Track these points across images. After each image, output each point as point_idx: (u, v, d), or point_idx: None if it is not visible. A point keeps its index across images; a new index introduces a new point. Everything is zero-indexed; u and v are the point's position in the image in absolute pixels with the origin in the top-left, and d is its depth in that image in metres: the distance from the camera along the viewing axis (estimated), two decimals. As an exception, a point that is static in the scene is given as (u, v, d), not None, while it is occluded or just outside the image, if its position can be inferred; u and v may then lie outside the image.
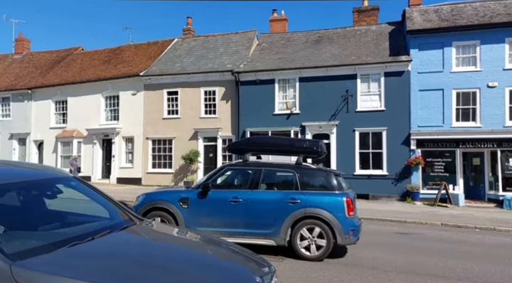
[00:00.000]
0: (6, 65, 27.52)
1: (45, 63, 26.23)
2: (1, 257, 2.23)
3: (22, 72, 25.96)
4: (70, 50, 27.02)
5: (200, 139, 20.34)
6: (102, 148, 22.36)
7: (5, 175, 3.18)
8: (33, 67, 26.24)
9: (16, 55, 28.25)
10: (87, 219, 3.43)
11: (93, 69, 23.70)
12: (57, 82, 23.36)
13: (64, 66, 25.16)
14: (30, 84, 24.03)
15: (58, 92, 23.33)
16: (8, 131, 24.42)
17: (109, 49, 25.56)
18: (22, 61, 27.39)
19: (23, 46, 28.42)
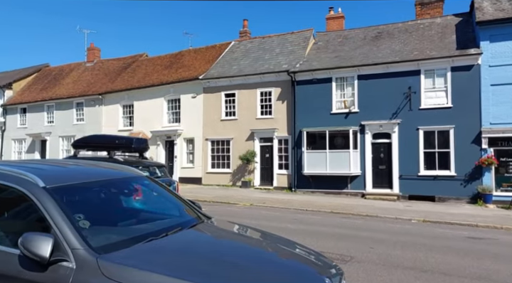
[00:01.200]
0: (80, 72, 29.93)
1: (113, 70, 28.14)
2: (88, 250, 2.44)
3: (93, 79, 28.08)
4: (136, 56, 28.71)
5: (257, 139, 20.58)
6: (165, 149, 23.48)
7: (89, 174, 3.48)
8: (103, 74, 28.26)
9: (88, 63, 30.61)
10: (159, 216, 3.64)
11: (156, 74, 24.98)
12: (124, 88, 24.94)
13: (130, 72, 26.80)
14: (100, 90, 25.91)
15: (125, 96, 24.91)
16: (82, 134, 26.48)
17: (171, 54, 26.77)
18: (93, 69, 29.62)
19: (94, 55, 30.73)
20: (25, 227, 2.87)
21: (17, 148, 29.94)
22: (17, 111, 29.97)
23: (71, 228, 2.54)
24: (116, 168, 4.08)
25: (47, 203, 2.67)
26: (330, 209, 13.25)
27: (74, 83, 28.63)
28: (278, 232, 4.70)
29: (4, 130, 30.40)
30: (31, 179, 2.85)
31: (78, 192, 3.18)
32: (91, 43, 31.30)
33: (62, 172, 3.47)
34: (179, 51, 26.64)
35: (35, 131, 28.32)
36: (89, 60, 30.88)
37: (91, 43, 31.68)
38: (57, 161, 4.54)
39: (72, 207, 2.85)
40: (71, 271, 2.35)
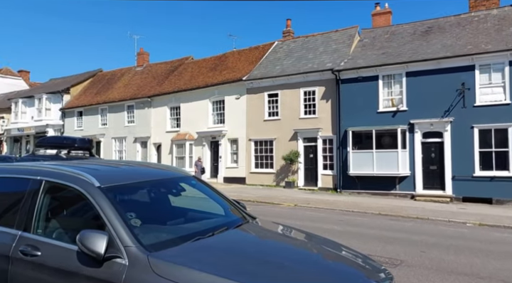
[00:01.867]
0: (130, 76, 31.35)
1: (161, 73, 29.19)
2: (140, 248, 2.54)
3: (143, 83, 29.29)
4: (182, 59, 29.58)
5: (300, 139, 20.42)
6: (210, 149, 23.98)
7: (139, 174, 3.64)
8: (152, 77, 29.39)
9: (138, 67, 31.99)
10: (205, 215, 3.71)
11: (201, 76, 25.58)
12: (172, 90, 25.78)
13: (177, 75, 27.66)
14: (149, 93, 26.98)
15: (173, 99, 25.74)
16: (132, 135, 27.78)
17: (215, 56, 27.30)
18: (142, 72, 30.90)
19: (143, 59, 32.06)
20: (82, 224, 3.05)
21: (74, 149, 31.86)
22: (74, 114, 31.96)
23: (124, 226, 2.66)
24: (164, 169, 4.22)
25: (101, 202, 2.82)
26: (377, 211, 12.86)
27: (125, 87, 30.04)
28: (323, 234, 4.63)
29: (63, 132, 32.52)
30: (87, 179, 3.01)
31: (130, 191, 3.33)
32: (140, 48, 32.70)
33: (115, 172, 3.64)
34: (223, 53, 27.09)
35: (90, 133, 30.03)
36: (138, 64, 32.25)
37: (140, 48, 33.13)
38: (111, 162, 4.77)
39: (124, 206, 2.99)
40: (124, 268, 2.46)
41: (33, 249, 2.79)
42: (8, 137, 37.13)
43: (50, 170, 3.27)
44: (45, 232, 2.99)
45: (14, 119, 36.07)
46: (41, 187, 3.13)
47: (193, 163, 22.33)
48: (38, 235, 2.93)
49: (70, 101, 32.90)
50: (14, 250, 2.85)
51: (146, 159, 26.71)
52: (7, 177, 3.44)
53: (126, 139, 28.28)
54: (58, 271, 2.64)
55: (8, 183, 3.40)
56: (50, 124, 32.79)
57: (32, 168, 3.39)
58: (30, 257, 2.77)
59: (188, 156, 24.27)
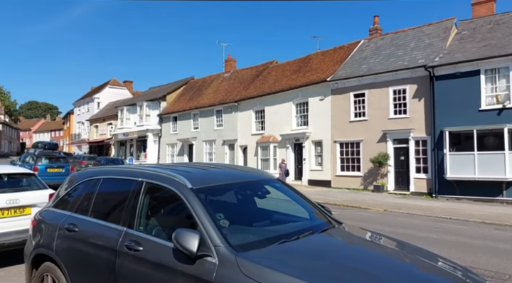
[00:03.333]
0: (219, 83, 32.94)
1: (247, 78, 30.15)
2: (228, 248, 2.65)
3: (230, 88, 30.56)
4: (266, 64, 30.19)
5: (389, 141, 19.37)
6: (294, 151, 24.03)
7: (227, 176, 3.80)
8: (238, 82, 30.51)
9: (226, 73, 33.47)
10: (290, 218, 3.72)
11: (285, 79, 25.80)
12: (256, 94, 26.45)
13: (261, 79, 28.31)
14: (236, 98, 28.04)
15: (257, 102, 26.40)
16: (221, 138, 29.14)
17: (299, 59, 27.32)
18: (230, 78, 32.25)
19: (230, 65, 33.47)
20: (176, 222, 3.28)
21: (170, 151, 34.55)
22: (170, 119, 34.62)
23: (213, 226, 2.80)
24: (250, 171, 4.35)
25: (193, 203, 3.01)
26: (480, 219, 11.60)
27: (214, 93, 31.66)
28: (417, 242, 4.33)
29: (160, 136, 35.45)
30: (181, 181, 3.23)
31: (219, 193, 3.50)
32: (228, 55, 34.17)
33: (205, 174, 3.86)
34: (307, 55, 26.97)
35: (183, 137, 32.26)
36: (226, 70, 33.74)
37: (228, 54, 34.61)
38: (201, 164, 5.06)
39: (213, 206, 3.15)
40: (214, 267, 2.59)
41: (136, 245, 3.08)
42: (115, 141, 41.66)
43: (149, 172, 3.59)
44: (145, 229, 3.28)
45: (120, 125, 40.36)
46: (142, 187, 3.45)
47: (277, 165, 22.59)
48: (140, 232, 3.22)
49: (166, 107, 35.71)
50: (120, 245, 3.19)
51: (233, 161, 27.77)
52: (116, 178, 3.86)
53: (216, 141, 29.73)
54: (157, 266, 2.88)
55: (117, 183, 3.81)
56: (149, 129, 36.00)
57: (135, 170, 3.75)
58: (133, 252, 3.07)
59: (272, 158, 24.64)
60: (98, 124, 47.43)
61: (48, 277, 3.73)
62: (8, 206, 6.03)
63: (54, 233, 3.82)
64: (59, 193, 4.41)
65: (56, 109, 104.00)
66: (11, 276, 5.68)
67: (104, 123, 45.91)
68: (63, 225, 3.78)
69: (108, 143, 43.90)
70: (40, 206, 5.98)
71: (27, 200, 6.27)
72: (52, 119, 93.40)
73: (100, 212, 3.72)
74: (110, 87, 51.64)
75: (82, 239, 3.56)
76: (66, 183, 4.41)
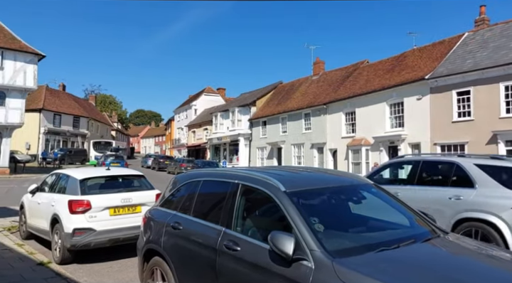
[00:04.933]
0: (307, 86, 32.86)
1: (336, 80, 29.56)
2: (324, 253, 2.62)
3: (318, 91, 30.27)
4: (357, 64, 29.24)
5: (501, 142, 17.22)
6: (388, 155, 22.79)
7: (320, 180, 3.77)
8: (327, 84, 30.07)
9: (314, 76, 33.26)
10: (387, 225, 3.54)
11: (378, 79, 24.67)
12: (347, 96, 25.74)
13: (352, 80, 27.48)
14: (325, 100, 27.65)
15: (348, 104, 25.67)
16: (309, 142, 28.97)
17: (393, 57, 25.91)
18: (318, 81, 31.96)
19: (319, 68, 33.18)
20: (270, 224, 3.36)
21: (260, 155, 35.45)
22: (259, 123, 35.55)
23: (308, 230, 2.79)
24: (343, 175, 4.25)
25: (287, 206, 3.04)
26: None
27: (302, 96, 31.67)
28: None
29: (251, 140, 36.60)
30: (274, 184, 3.30)
31: (312, 197, 3.48)
32: (316, 58, 33.94)
33: (298, 178, 3.87)
34: (402, 53, 25.45)
35: (272, 140, 32.84)
36: (314, 73, 33.52)
37: (316, 57, 34.39)
38: (292, 168, 5.10)
39: (307, 210, 3.13)
40: (310, 271, 2.58)
41: (234, 245, 3.22)
42: (210, 145, 44.16)
43: (244, 175, 3.73)
44: (242, 229, 3.41)
45: (214, 130, 42.69)
46: (238, 189, 3.60)
47: (370, 169, 21.63)
48: (237, 232, 3.36)
49: (256, 112, 36.77)
50: (220, 244, 3.36)
51: (322, 165, 27.40)
52: (215, 180, 4.10)
53: (304, 145, 29.65)
54: (254, 266, 2.97)
55: (216, 185, 4.04)
56: (241, 133, 37.42)
57: (231, 173, 3.94)
58: (232, 251, 3.21)
59: (364, 161, 23.70)
60: (195, 130, 50.78)
61: (157, 271, 4.09)
62: (123, 204, 6.77)
63: (161, 230, 4.18)
64: (164, 193, 4.83)
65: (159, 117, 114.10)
66: (125, 268, 6.36)
67: (201, 128, 48.97)
68: (169, 223, 4.12)
69: (204, 147, 46.72)
70: (149, 205, 6.61)
71: (138, 199, 6.97)
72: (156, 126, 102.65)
73: (201, 212, 3.98)
74: (205, 94, 54.98)
75: (185, 236, 3.83)
76: (170, 185, 4.81)
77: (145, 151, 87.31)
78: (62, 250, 6.36)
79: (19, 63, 25.86)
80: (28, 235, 8.09)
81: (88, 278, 5.71)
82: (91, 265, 6.44)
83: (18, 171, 28.19)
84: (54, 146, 44.77)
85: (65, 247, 6.29)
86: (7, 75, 25.36)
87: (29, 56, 26.28)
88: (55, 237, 6.64)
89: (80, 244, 6.28)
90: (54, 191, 7.29)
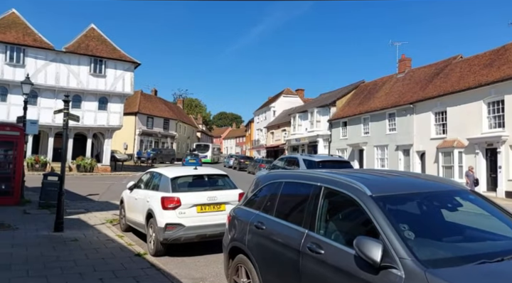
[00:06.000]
0: (391, 84, 31.23)
1: (424, 77, 27.62)
2: (415, 262, 2.47)
3: (404, 89, 28.58)
4: (449, 60, 27.01)
5: None
6: (485, 158, 20.66)
7: (410, 185, 3.57)
8: (414, 83, 28.25)
9: (399, 74, 31.49)
10: (488, 236, 3.23)
11: (472, 75, 22.50)
12: (436, 94, 23.91)
13: (442, 77, 25.45)
14: (411, 99, 26.00)
15: (438, 103, 23.83)
16: (394, 143, 27.49)
17: (491, 51, 23.42)
18: (404, 79, 30.18)
19: (405, 65, 31.33)
20: (354, 229, 3.27)
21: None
22: (339, 124, 34.72)
23: (397, 237, 2.67)
24: (436, 180, 3.97)
25: (374, 211, 2.94)
26: None
27: (386, 95, 30.18)
28: None
29: (330, 141, 35.92)
30: (360, 187, 3.21)
31: (401, 202, 3.31)
32: (402, 55, 32.10)
33: (385, 182, 3.71)
34: (502, 46, 22.87)
35: (353, 142, 31.83)
36: (400, 71, 31.74)
37: (402, 54, 32.48)
38: (378, 171, 4.89)
39: (396, 216, 2.99)
40: (401, 280, 2.46)
41: (317, 247, 3.21)
42: (288, 146, 44.35)
43: (327, 177, 3.69)
44: (325, 232, 3.38)
45: (293, 131, 42.77)
46: (321, 192, 3.57)
47: (464, 173, 19.76)
48: (320, 235, 3.34)
49: (335, 113, 35.99)
50: (303, 246, 3.37)
51: (408, 168, 25.80)
52: (296, 182, 4.12)
53: (388, 147, 28.23)
54: (338, 270, 2.93)
55: (297, 187, 4.06)
56: (319, 135, 36.94)
57: (314, 175, 3.92)
58: (315, 254, 3.20)
59: (456, 165, 21.77)
60: (274, 131, 51.41)
61: (242, 268, 4.24)
62: (209, 202, 7.14)
63: (245, 229, 4.32)
64: (247, 194, 4.98)
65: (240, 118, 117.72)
66: (210, 263, 6.70)
67: (279, 129, 49.42)
68: (252, 223, 4.24)
69: (282, 148, 47.08)
70: (232, 204, 6.88)
71: (222, 197, 7.29)
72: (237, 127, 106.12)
73: (283, 212, 4.02)
74: (284, 96, 55.39)
75: (268, 236, 3.92)
76: (253, 185, 4.95)
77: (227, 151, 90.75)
78: (156, 243, 6.91)
79: (119, 71, 28.75)
80: (126, 228, 8.93)
81: (178, 270, 6.13)
82: (181, 258, 6.90)
83: (118, 168, 31.29)
84: (147, 146, 48.83)
85: (159, 241, 6.83)
86: (109, 82, 28.36)
87: (127, 64, 29.07)
88: (149, 231, 7.24)
89: (171, 238, 6.76)
90: (149, 188, 7.95)
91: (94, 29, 29.57)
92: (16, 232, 7.96)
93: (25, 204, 11.67)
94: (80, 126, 26.30)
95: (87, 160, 27.47)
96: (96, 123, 28.32)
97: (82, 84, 27.43)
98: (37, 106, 25.62)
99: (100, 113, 28.44)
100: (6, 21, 26.11)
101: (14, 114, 22.92)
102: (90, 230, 8.58)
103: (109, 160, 29.72)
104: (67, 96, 9.29)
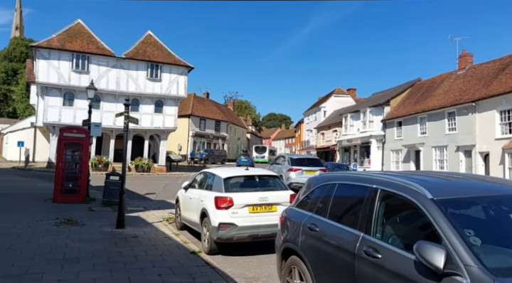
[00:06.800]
0: (451, 82, 29.49)
1: (487, 74, 25.78)
2: (483, 269, 2.33)
3: (465, 87, 26.86)
4: (515, 54, 24.98)
5: None
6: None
7: (475, 188, 3.36)
8: (476, 79, 26.46)
9: (459, 71, 29.65)
10: None
11: (545, 69, 20.60)
12: (502, 91, 22.20)
13: (508, 73, 23.57)
14: (473, 97, 24.37)
15: (503, 101, 22.11)
16: (454, 144, 25.92)
17: None
18: (465, 76, 28.37)
19: (465, 61, 29.44)
20: (413, 233, 3.14)
21: (394, 158, 33.28)
22: (393, 124, 33.40)
23: (462, 243, 2.53)
24: (505, 183, 3.70)
25: (435, 215, 2.80)
26: None
27: (445, 93, 28.56)
28: None
29: (384, 142, 34.67)
30: (419, 190, 3.08)
31: (465, 206, 3.14)
32: (463, 50, 30.18)
33: (447, 185, 3.53)
34: None
35: (409, 143, 30.46)
36: (460, 67, 29.89)
37: (463, 50, 30.60)
38: (437, 173, 4.66)
39: (460, 221, 2.84)
40: None
41: (374, 251, 3.13)
42: (340, 147, 43.49)
43: (383, 179, 3.58)
44: (382, 236, 3.28)
45: (344, 132, 41.86)
46: (377, 195, 3.47)
47: None
48: (377, 239, 3.25)
49: (389, 112, 34.68)
50: (359, 249, 3.30)
51: (470, 170, 24.20)
52: (351, 184, 4.04)
53: (447, 147, 26.68)
54: (396, 276, 2.83)
55: (352, 189, 3.98)
56: (372, 135, 35.79)
57: (369, 177, 3.83)
58: (372, 258, 3.12)
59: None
60: (324, 132, 50.64)
61: (295, 270, 4.24)
62: (260, 203, 7.21)
63: (298, 230, 4.31)
64: (299, 195, 4.97)
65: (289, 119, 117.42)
66: (262, 263, 6.76)
67: (330, 130, 48.59)
68: (305, 224, 4.22)
69: (333, 149, 46.23)
70: (284, 205, 6.89)
71: (273, 198, 7.33)
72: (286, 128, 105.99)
73: (337, 215, 3.97)
74: (335, 96, 54.36)
75: (322, 238, 3.88)
76: (305, 187, 4.92)
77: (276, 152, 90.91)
78: (210, 242, 7.10)
79: (173, 75, 29.95)
80: (182, 226, 9.28)
81: (232, 269, 6.25)
82: (234, 258, 7.04)
83: (172, 169, 32.55)
84: (199, 147, 50.34)
85: (212, 239, 7.02)
86: (164, 85, 29.62)
87: (181, 68, 30.20)
88: (203, 230, 7.46)
89: (225, 237, 6.92)
90: (202, 188, 8.20)
91: (151, 35, 31.02)
92: (82, 228, 8.57)
93: (90, 202, 12.52)
94: (138, 128, 27.69)
95: (145, 160, 28.88)
96: (152, 125, 29.69)
97: (139, 88, 28.90)
98: (100, 109, 27.38)
99: (156, 116, 29.77)
100: (73, 31, 28.21)
101: (80, 117, 24.73)
102: (149, 228, 9.01)
103: (165, 160, 31.01)
104: (128, 100, 9.83)
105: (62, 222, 9.01)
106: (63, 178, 12.32)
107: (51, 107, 26.88)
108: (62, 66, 26.70)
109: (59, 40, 27.00)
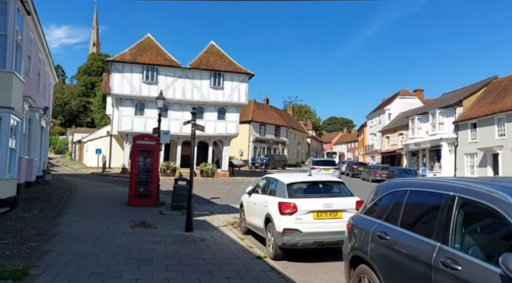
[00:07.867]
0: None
1: None
2: None
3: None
4: None
5: None
6: None
7: None
8: None
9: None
10: None
11: None
12: None
13: None
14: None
15: None
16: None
17: None
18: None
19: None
20: (496, 244, 2.91)
21: (469, 162, 30.90)
22: (467, 126, 31.07)
23: None
24: None
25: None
26: None
27: (527, 91, 26.01)
28: None
29: (457, 145, 32.36)
30: (504, 198, 2.85)
31: None
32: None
33: None
34: None
35: (485, 146, 28.12)
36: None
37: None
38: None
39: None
40: None
41: (453, 263, 2.95)
42: (407, 151, 41.38)
43: (461, 186, 3.36)
44: (461, 247, 3.08)
45: (411, 135, 39.77)
46: (455, 202, 3.27)
47: None
48: (456, 249, 3.06)
49: (462, 113, 32.36)
50: (435, 260, 3.13)
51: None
52: (424, 191, 3.85)
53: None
54: (480, 290, 2.65)
55: (425, 196, 3.79)
56: (443, 138, 33.60)
57: (444, 183, 3.61)
58: (450, 270, 2.94)
59: None
60: (389, 135, 48.54)
61: (365, 279, 4.12)
62: (325, 209, 7.11)
63: (367, 238, 4.20)
64: (366, 202, 4.83)
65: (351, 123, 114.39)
66: (329, 270, 6.65)
67: (395, 133, 46.46)
68: (375, 232, 4.09)
69: (399, 153, 44.12)
70: (349, 211, 6.73)
71: (339, 205, 7.19)
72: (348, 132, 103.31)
73: (409, 223, 3.79)
74: (400, 97, 51.94)
75: (393, 247, 3.73)
76: (372, 194, 4.78)
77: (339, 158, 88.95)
78: (275, 247, 7.15)
79: (235, 83, 30.74)
80: (246, 231, 9.45)
81: (297, 275, 6.24)
82: (299, 264, 7.01)
83: (235, 174, 33.29)
84: (260, 152, 50.91)
85: (277, 245, 7.06)
86: (226, 93, 30.51)
87: (242, 76, 30.91)
88: (268, 235, 7.54)
89: (289, 243, 6.92)
90: (266, 193, 8.29)
91: (213, 45, 32.17)
92: (155, 231, 9.09)
93: (160, 206, 13.24)
94: (203, 135, 28.77)
95: (209, 166, 29.89)
96: (216, 132, 30.66)
97: (203, 96, 30.06)
98: (167, 118, 28.90)
99: (219, 122, 30.71)
100: (143, 45, 30.20)
101: (149, 125, 26.32)
102: (215, 232, 9.31)
103: (228, 166, 31.83)
104: (194, 108, 10.29)
105: (136, 225, 9.64)
106: (136, 183, 13.18)
107: (125, 116, 28.93)
108: (134, 78, 28.68)
109: (131, 54, 29.07)
